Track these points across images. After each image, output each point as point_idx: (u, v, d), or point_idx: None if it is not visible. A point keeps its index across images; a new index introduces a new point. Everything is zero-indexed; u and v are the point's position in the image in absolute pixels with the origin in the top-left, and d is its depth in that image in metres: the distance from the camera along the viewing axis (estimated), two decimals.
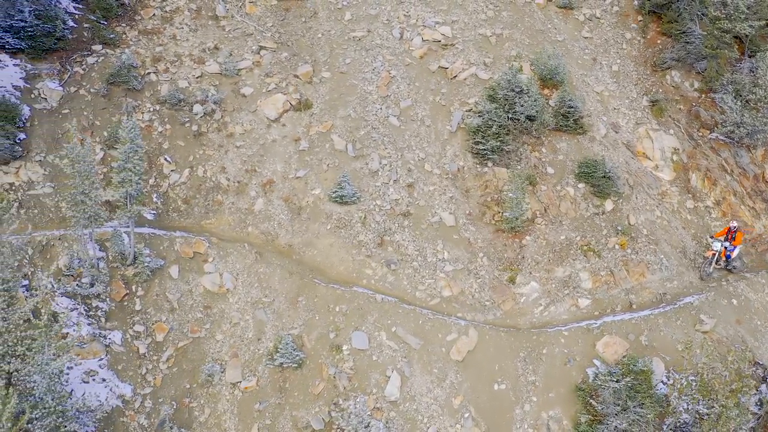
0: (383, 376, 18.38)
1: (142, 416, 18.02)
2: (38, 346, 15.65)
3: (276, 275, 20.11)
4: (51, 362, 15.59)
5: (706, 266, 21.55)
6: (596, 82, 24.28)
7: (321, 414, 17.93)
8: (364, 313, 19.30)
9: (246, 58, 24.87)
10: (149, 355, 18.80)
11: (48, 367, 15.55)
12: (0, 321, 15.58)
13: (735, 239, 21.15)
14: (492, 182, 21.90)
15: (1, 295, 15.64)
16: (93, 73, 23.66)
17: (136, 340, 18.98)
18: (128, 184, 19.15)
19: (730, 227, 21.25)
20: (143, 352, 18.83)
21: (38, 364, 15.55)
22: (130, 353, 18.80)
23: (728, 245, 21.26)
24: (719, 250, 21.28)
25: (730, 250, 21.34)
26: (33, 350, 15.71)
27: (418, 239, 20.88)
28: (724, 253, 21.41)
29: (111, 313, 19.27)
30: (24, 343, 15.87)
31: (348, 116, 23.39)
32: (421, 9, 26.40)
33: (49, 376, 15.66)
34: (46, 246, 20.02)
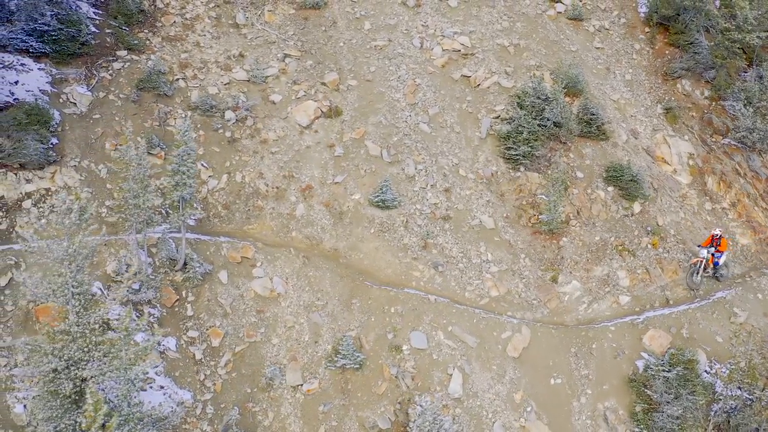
0: (445, 374, 18.77)
1: (205, 422, 17.85)
2: (116, 350, 15.39)
3: (326, 278, 20.28)
4: (131, 367, 15.34)
5: (693, 275, 21.86)
6: (612, 90, 25.50)
7: (387, 413, 18.16)
8: (419, 313, 19.68)
9: (272, 65, 25.02)
10: (206, 360, 18.65)
11: (127, 373, 15.30)
12: (75, 326, 15.28)
13: (720, 245, 21.52)
14: (525, 186, 22.69)
15: (77, 298, 15.35)
16: (121, 78, 23.38)
17: (191, 346, 18.79)
18: (182, 188, 19.03)
19: (714, 235, 21.60)
20: (199, 357, 18.66)
21: (116, 369, 15.29)
22: (186, 359, 18.60)
23: (715, 253, 21.59)
24: (706, 258, 21.57)
25: (718, 257, 21.65)
26: (110, 355, 15.44)
27: (460, 242, 21.43)
28: (712, 261, 21.69)
29: (163, 319, 19.03)
30: (100, 348, 15.59)
31: (379, 123, 23.83)
32: (438, 19, 27.14)
33: (127, 382, 15.41)
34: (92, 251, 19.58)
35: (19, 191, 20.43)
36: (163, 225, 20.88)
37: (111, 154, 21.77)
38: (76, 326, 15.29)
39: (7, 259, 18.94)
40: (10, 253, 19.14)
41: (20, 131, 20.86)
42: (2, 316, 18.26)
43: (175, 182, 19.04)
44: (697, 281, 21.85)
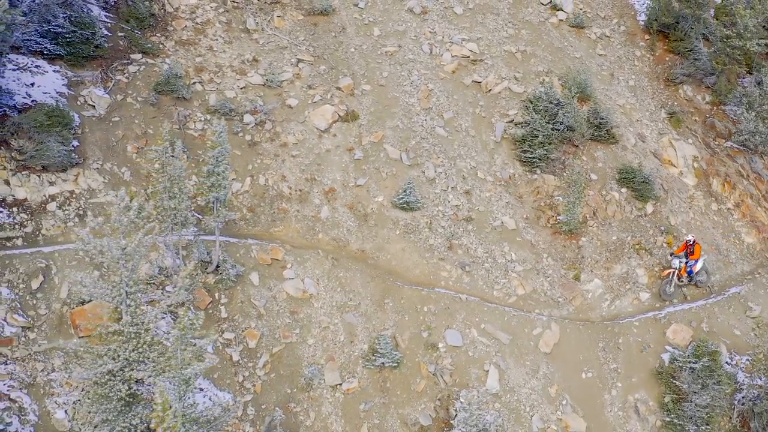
0: (482, 371, 19.32)
1: (247, 424, 18.00)
2: (171, 351, 15.47)
3: (357, 279, 20.66)
4: (186, 367, 15.42)
5: (666, 285, 22.06)
6: (617, 95, 26.62)
7: (427, 410, 18.60)
8: (452, 312, 20.21)
9: (286, 70, 25.37)
10: (244, 362, 18.80)
11: (182, 373, 15.37)
12: (130, 326, 15.34)
13: (693, 253, 21.80)
14: (542, 188, 23.51)
15: (131, 297, 15.40)
16: (137, 81, 23.43)
17: (227, 348, 18.92)
18: (218, 189, 19.21)
19: (687, 241, 21.90)
20: (237, 359, 18.80)
21: (173, 370, 15.36)
22: (223, 361, 18.72)
23: (687, 261, 21.76)
24: (678, 268, 21.78)
25: (691, 266, 21.85)
26: (166, 356, 15.52)
27: (484, 242, 22.08)
28: (685, 270, 21.89)
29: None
30: (154, 349, 15.67)
31: (396, 127, 24.38)
32: (446, 26, 27.92)
33: (183, 382, 15.47)
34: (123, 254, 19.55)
35: (42, 193, 20.31)
36: (192, 227, 20.99)
37: (133, 156, 21.82)
38: (131, 326, 15.35)
39: (37, 261, 18.82)
40: (39, 255, 19.02)
41: (41, 133, 20.76)
42: (36, 319, 18.12)
43: (210, 183, 19.20)
44: (669, 292, 21.98)
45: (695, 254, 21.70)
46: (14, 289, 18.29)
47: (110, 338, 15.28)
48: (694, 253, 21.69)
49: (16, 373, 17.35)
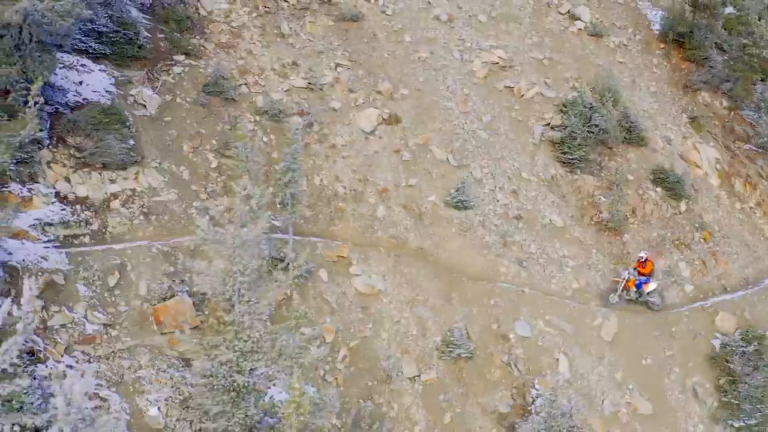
0: (552, 359, 20.67)
1: (332, 416, 18.76)
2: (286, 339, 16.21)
3: (421, 275, 21.77)
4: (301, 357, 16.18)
5: (611, 294, 22.78)
6: (640, 101, 28.70)
7: (505, 398, 19.79)
8: (516, 305, 21.53)
9: (326, 74, 26.42)
10: (323, 356, 19.58)
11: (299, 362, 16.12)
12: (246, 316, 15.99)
13: (644, 268, 22.41)
14: (583, 188, 25.21)
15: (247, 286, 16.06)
16: (184, 82, 24.10)
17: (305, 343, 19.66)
18: (293, 185, 20.11)
19: (639, 258, 22.53)
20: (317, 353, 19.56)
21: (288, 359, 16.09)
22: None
23: (636, 275, 22.45)
24: (626, 279, 22.41)
25: (643, 281, 22.53)
26: (278, 345, 16.23)
27: (536, 239, 23.55)
28: (633, 283, 22.56)
29: (273, 316, 19.82)
30: (265, 338, 16.34)
31: (439, 129, 25.73)
32: (473, 34, 29.55)
33: (296, 371, 16.18)
34: (195, 251, 20.21)
35: (103, 191, 20.70)
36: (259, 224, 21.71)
37: (189, 156, 22.46)
38: (247, 315, 16.02)
39: (111, 259, 19.23)
40: (111, 253, 19.44)
41: (99, 130, 21.25)
42: (116, 317, 18.50)
43: (287, 179, 20.08)
44: (612, 301, 22.62)
45: (646, 269, 22.42)
46: (91, 287, 18.65)
47: (223, 329, 15.87)
48: (645, 269, 22.44)
49: (103, 372, 17.70)
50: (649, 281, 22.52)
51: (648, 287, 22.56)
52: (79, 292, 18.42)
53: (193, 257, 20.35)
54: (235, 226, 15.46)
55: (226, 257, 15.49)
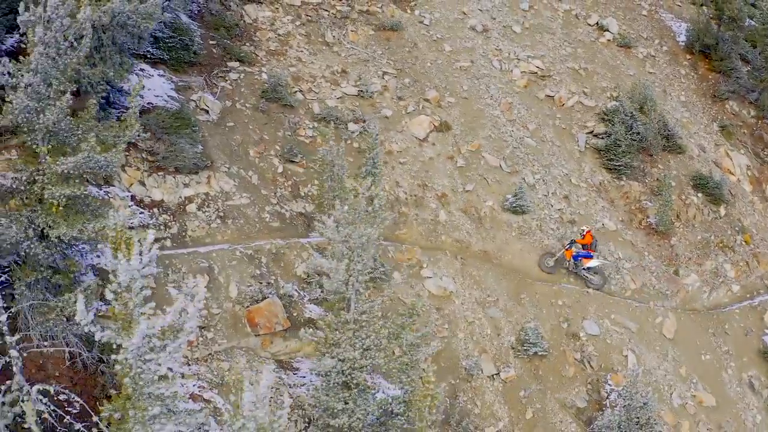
0: (621, 356, 22.31)
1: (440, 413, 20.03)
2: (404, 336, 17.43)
3: (489, 277, 23.25)
4: (413, 351, 17.41)
5: (548, 258, 23.96)
6: (673, 110, 30.83)
7: (581, 394, 21.33)
8: (583, 304, 23.16)
9: (374, 82, 27.85)
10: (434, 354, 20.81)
11: (414, 359, 17.33)
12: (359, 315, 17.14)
13: (583, 239, 23.46)
14: (630, 193, 27.11)
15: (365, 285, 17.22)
16: (242, 88, 25.26)
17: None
18: (374, 189, 21.38)
19: (582, 230, 23.83)
20: (398, 354, 20.83)
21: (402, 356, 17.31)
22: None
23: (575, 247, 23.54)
24: (566, 247, 23.69)
25: (582, 255, 23.59)
26: (398, 339, 17.45)
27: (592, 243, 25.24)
28: (570, 254, 23.71)
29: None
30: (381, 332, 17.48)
31: (489, 137, 27.36)
32: (508, 44, 31.37)
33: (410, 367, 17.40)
34: (276, 255, 21.35)
35: (178, 195, 21.69)
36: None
37: (256, 161, 23.60)
38: (360, 315, 17.18)
39: (198, 262, 20.23)
40: (197, 256, 20.43)
41: (171, 135, 22.31)
42: (210, 319, 19.48)
43: (369, 184, 21.34)
44: (548, 264, 23.87)
45: (584, 240, 23.49)
46: (181, 290, 19.56)
47: (342, 327, 16.96)
48: (584, 238, 23.55)
49: (203, 374, 18.64)
50: (591, 257, 23.60)
51: (586, 262, 23.64)
52: (170, 295, 19.29)
53: (276, 260, 21.59)
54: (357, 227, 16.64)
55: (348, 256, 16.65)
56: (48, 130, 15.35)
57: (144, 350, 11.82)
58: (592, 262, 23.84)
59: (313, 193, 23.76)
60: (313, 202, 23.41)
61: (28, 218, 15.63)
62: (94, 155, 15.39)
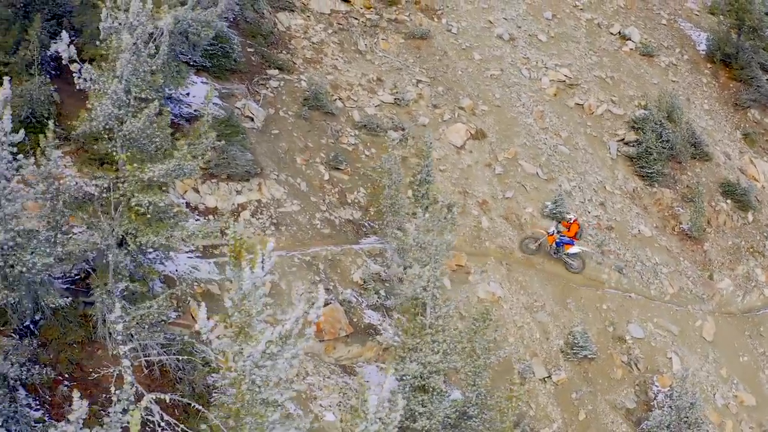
0: (665, 358, 23.56)
1: None
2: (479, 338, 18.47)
3: (534, 282, 24.40)
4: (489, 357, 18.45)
5: (530, 241, 25.02)
6: (697, 118, 32.30)
7: (629, 395, 22.53)
8: (627, 309, 24.39)
9: (409, 90, 28.97)
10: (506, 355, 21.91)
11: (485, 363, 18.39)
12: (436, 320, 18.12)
13: (569, 230, 24.40)
14: (662, 200, 28.46)
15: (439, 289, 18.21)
16: (283, 96, 26.24)
17: None
18: (427, 198, 22.52)
19: (569, 218, 24.75)
20: None
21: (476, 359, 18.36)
22: None
23: (559, 233, 24.40)
24: (550, 233, 24.53)
25: (564, 242, 24.48)
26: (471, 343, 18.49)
27: (630, 248, 26.55)
28: (553, 239, 24.62)
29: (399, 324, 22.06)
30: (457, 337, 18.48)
31: (524, 144, 28.57)
32: (535, 53, 32.67)
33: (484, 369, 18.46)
34: (332, 261, 22.32)
35: (231, 202, 22.60)
36: (373, 237, 24.03)
37: (302, 168, 24.57)
38: (437, 320, 18.18)
39: None
40: None
41: (221, 142, 23.17)
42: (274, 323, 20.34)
43: (423, 192, 22.49)
44: (530, 247, 24.98)
45: (570, 231, 24.54)
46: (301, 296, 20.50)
47: (420, 332, 17.93)
48: (569, 230, 24.58)
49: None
50: (573, 243, 24.60)
51: (568, 248, 24.65)
52: None
53: (332, 266, 22.56)
54: (434, 233, 17.66)
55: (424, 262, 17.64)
56: (127, 137, 15.93)
57: (261, 357, 12.58)
58: (573, 249, 24.87)
59: (359, 201, 24.80)
60: (360, 209, 24.43)
61: (109, 225, 16.10)
62: (184, 163, 16.20)
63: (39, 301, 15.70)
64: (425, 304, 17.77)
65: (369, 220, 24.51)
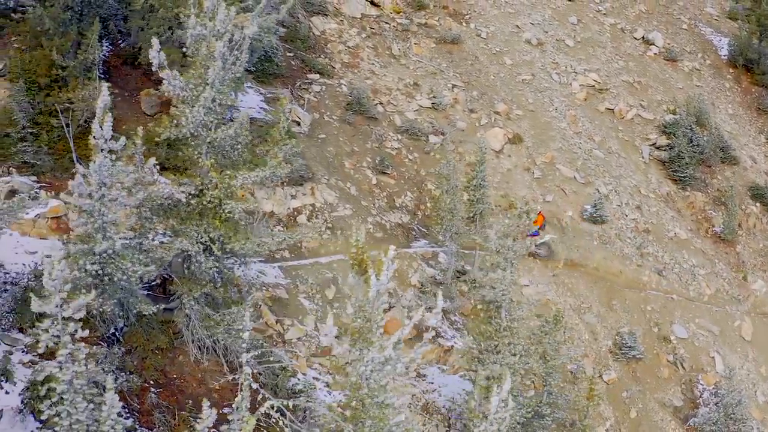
0: (708, 357, 25.12)
1: None
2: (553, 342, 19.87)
3: (580, 285, 25.84)
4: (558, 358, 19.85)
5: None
6: (723, 123, 34.04)
7: (677, 393, 24.05)
8: (669, 310, 25.92)
9: (445, 94, 30.30)
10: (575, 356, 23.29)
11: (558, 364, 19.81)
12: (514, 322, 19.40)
13: (536, 220, 25.28)
14: (695, 203, 30.10)
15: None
16: (326, 100, 27.43)
17: None
18: (482, 203, 23.88)
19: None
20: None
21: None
22: None
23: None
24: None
25: (533, 234, 25.44)
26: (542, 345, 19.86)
27: (668, 250, 28.11)
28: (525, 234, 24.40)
29: (465, 327, 23.42)
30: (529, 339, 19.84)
31: (560, 148, 30.05)
32: (564, 57, 34.20)
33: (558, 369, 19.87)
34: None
35: (286, 206, 23.71)
36: (422, 240, 25.32)
37: (351, 172, 25.79)
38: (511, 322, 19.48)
39: (322, 272, 22.32)
40: (320, 266, 22.51)
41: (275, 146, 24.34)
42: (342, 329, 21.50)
43: (477, 197, 23.83)
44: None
45: (537, 222, 25.64)
46: (312, 300, 21.66)
47: (497, 335, 19.20)
48: (536, 220, 25.46)
49: (342, 382, 20.59)
50: (537, 234, 25.74)
51: (537, 239, 25.81)
52: (304, 306, 21.38)
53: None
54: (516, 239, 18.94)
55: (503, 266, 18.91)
56: (213, 144, 16.85)
57: (379, 362, 13.56)
58: (543, 239, 26.21)
59: (407, 204, 26.06)
60: (408, 212, 25.69)
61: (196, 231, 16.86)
62: (279, 170, 17.35)
63: (127, 309, 16.38)
64: (500, 306, 18.99)
65: (418, 223, 25.76)
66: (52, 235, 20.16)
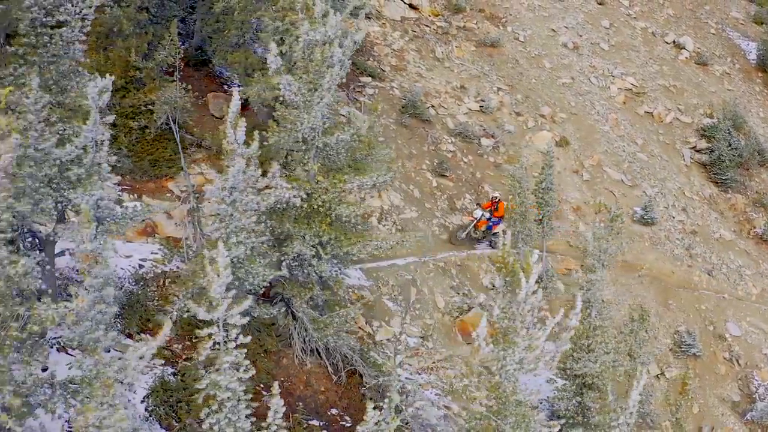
0: (761, 354, 27.34)
1: None
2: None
3: (637, 285, 27.94)
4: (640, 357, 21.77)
5: (460, 231, 26.27)
6: (756, 126, 36.46)
7: (734, 389, 26.22)
8: (722, 309, 28.11)
9: (491, 98, 32.27)
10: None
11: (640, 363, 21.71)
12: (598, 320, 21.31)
13: (497, 210, 26.01)
14: (736, 205, 32.40)
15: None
16: (380, 103, 29.19)
17: None
18: (549, 205, 25.81)
19: (493, 198, 26.17)
20: None
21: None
22: None
23: (489, 216, 26.01)
24: (478, 219, 25.97)
25: (494, 223, 26.18)
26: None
27: (714, 251, 30.34)
28: (485, 224, 26.12)
29: None
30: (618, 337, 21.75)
31: (605, 151, 32.16)
32: (600, 60, 36.37)
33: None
34: (461, 266, 25.41)
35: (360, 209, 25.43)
36: (485, 242, 27.17)
37: (412, 175, 27.59)
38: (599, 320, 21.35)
39: (401, 274, 24.08)
40: (398, 268, 24.27)
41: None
42: (426, 329, 23.30)
43: (545, 200, 25.76)
44: (461, 237, 26.30)
45: (499, 212, 26.19)
46: (396, 301, 23.39)
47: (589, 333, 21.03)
48: (498, 210, 26.18)
49: (433, 381, 22.31)
50: (500, 223, 26.35)
51: (496, 228, 26.36)
52: (389, 307, 23.10)
53: (462, 271, 25.61)
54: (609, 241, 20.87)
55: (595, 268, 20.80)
56: (321, 148, 18.38)
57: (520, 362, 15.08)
58: (500, 227, 26.74)
59: (466, 207, 27.91)
60: (469, 214, 27.51)
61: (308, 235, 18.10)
62: (388, 174, 19.06)
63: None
64: (590, 306, 20.87)
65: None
66: (137, 239, 21.65)
